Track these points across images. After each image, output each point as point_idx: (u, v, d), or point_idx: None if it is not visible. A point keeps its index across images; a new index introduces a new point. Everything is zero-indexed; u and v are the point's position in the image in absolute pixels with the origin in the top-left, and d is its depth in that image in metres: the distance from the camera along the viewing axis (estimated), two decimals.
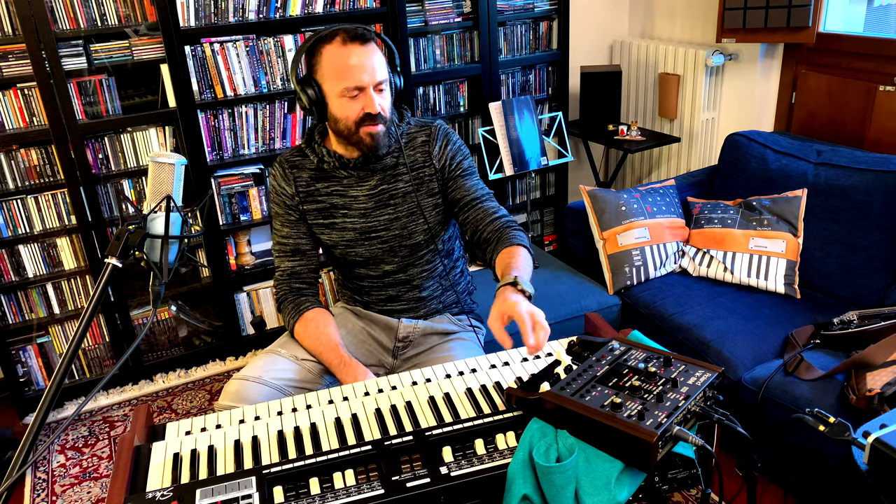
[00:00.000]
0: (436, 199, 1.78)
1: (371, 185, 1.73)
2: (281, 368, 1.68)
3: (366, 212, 1.74)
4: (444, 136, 1.77)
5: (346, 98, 1.59)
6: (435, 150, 1.76)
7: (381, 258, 1.78)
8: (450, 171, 1.76)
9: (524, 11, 3.18)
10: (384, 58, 1.63)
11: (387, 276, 1.81)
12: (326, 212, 1.75)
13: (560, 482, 1.04)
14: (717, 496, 1.96)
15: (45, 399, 1.06)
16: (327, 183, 1.74)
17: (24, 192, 2.54)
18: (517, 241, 1.64)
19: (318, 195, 1.75)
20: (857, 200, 2.30)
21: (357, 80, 1.57)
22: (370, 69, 1.58)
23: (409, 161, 1.74)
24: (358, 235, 1.76)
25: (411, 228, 1.76)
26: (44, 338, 2.71)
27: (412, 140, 1.76)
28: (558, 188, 3.54)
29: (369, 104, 1.59)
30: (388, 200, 1.74)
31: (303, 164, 1.75)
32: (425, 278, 1.83)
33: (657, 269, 2.51)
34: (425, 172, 1.76)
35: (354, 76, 1.57)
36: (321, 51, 1.60)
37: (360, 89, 1.58)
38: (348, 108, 1.60)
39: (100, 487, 2.33)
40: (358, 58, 1.57)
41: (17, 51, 2.38)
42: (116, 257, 1.15)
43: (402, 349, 1.85)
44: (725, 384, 2.06)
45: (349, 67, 1.57)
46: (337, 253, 1.80)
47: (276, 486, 1.07)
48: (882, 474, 1.25)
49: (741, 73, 3.12)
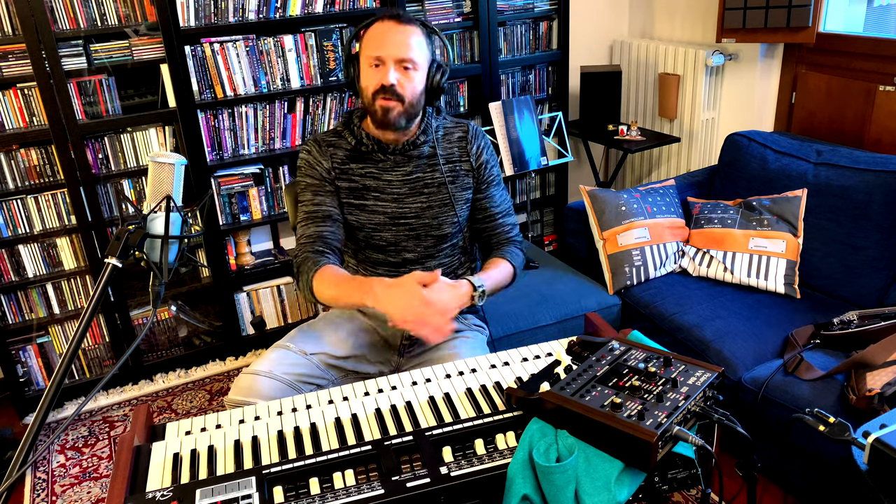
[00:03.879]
0: (468, 193, 1.83)
1: (407, 171, 1.77)
2: (291, 363, 1.68)
3: (399, 197, 1.77)
4: (481, 136, 1.85)
5: (370, 67, 1.65)
6: (473, 148, 1.82)
7: (404, 245, 1.80)
8: (484, 176, 1.84)
9: (524, 11, 3.18)
10: (424, 45, 1.69)
11: (405, 265, 1.82)
12: (358, 192, 1.77)
13: (560, 482, 1.04)
14: (717, 496, 1.96)
15: (45, 399, 1.06)
16: (362, 164, 1.77)
17: (24, 192, 2.54)
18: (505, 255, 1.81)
19: (352, 174, 1.77)
20: (857, 200, 2.30)
21: (379, 49, 1.63)
22: (396, 43, 1.63)
23: (446, 153, 1.79)
24: (387, 220, 1.78)
25: (441, 219, 1.80)
26: (44, 338, 2.71)
27: (449, 134, 1.82)
28: (558, 188, 3.54)
29: (384, 76, 1.63)
30: (422, 189, 1.78)
31: (338, 143, 1.78)
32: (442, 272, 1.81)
33: (657, 269, 2.51)
34: (461, 167, 1.81)
35: (379, 45, 1.64)
36: (366, 30, 1.68)
37: (381, 60, 1.64)
38: (370, 76, 1.66)
39: (100, 487, 2.33)
40: (389, 31, 1.64)
41: (17, 51, 2.38)
42: (116, 257, 1.15)
43: (408, 347, 1.85)
44: (725, 384, 2.06)
45: (377, 37, 1.65)
46: (361, 236, 1.81)
47: (276, 486, 1.07)
48: (882, 474, 1.25)
49: (741, 73, 3.12)
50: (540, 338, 2.20)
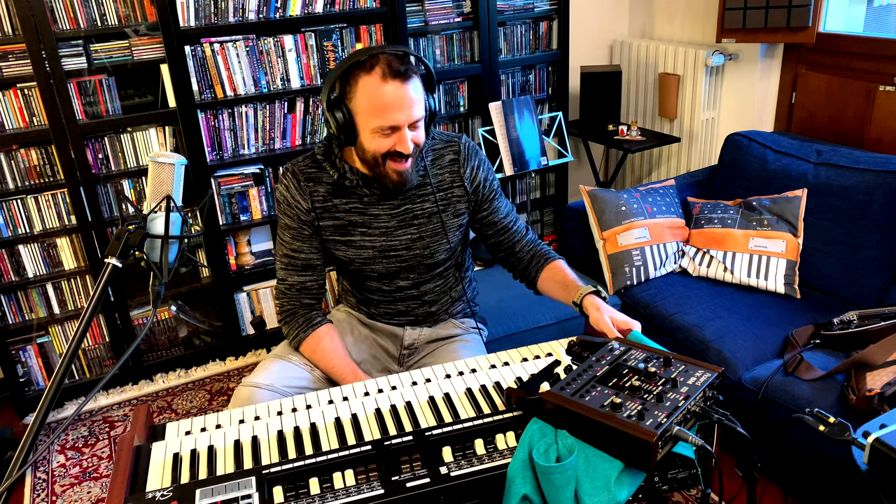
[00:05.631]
0: (461, 219, 1.73)
1: (394, 203, 1.66)
2: (293, 376, 1.65)
3: (387, 230, 1.67)
4: (474, 155, 1.72)
5: (379, 135, 1.51)
6: (466, 171, 1.70)
7: (397, 275, 1.73)
8: (483, 194, 1.73)
9: (524, 11, 3.18)
10: (421, 86, 1.53)
11: (399, 292, 1.76)
12: (344, 229, 1.67)
13: (560, 482, 1.04)
14: (717, 496, 1.96)
15: (45, 399, 1.06)
16: (346, 199, 1.65)
17: (24, 192, 2.54)
18: (554, 256, 1.76)
19: (335, 211, 1.66)
20: (857, 200, 2.30)
21: (393, 120, 1.49)
22: (408, 108, 1.49)
23: (436, 181, 1.68)
24: (376, 254, 1.68)
25: (433, 248, 1.71)
26: (44, 338, 2.71)
27: (439, 158, 1.69)
28: (558, 188, 3.54)
29: (402, 144, 1.51)
30: (411, 220, 1.68)
31: (319, 177, 1.65)
32: (437, 293, 1.80)
33: (657, 269, 2.51)
34: (454, 193, 1.70)
35: (391, 115, 1.48)
36: (358, 79, 1.48)
37: (394, 129, 1.51)
38: (379, 142, 1.52)
39: (100, 487, 2.33)
40: (397, 96, 1.47)
41: (17, 51, 2.38)
42: (116, 257, 1.15)
43: (407, 356, 1.83)
44: (725, 384, 2.06)
45: (386, 106, 1.47)
46: (351, 268, 1.73)
47: (275, 486, 1.07)
48: (882, 474, 1.25)
49: (741, 73, 3.12)
50: (540, 338, 2.20)
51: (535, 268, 1.75)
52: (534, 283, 1.77)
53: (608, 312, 1.48)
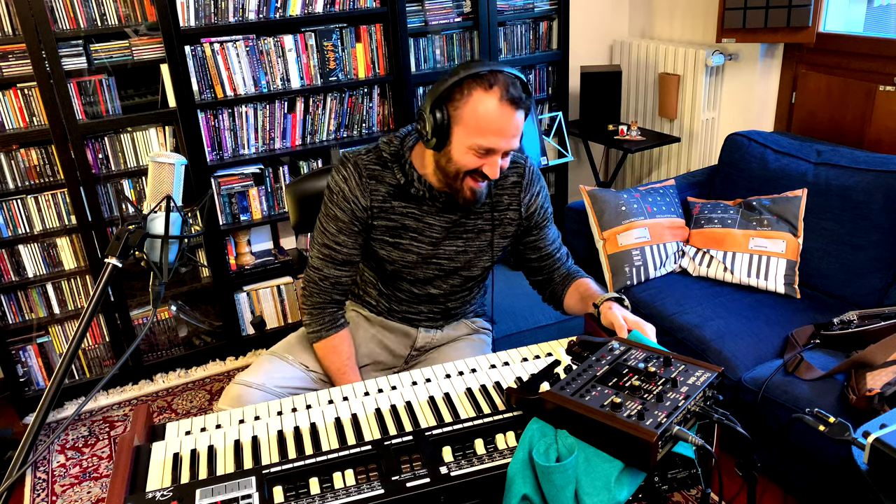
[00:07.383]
0: (507, 241, 1.73)
1: (451, 217, 1.65)
2: (285, 376, 1.65)
3: (437, 240, 1.66)
4: (537, 181, 1.71)
5: (474, 153, 1.48)
6: (526, 198, 1.68)
7: (431, 281, 1.72)
8: (536, 220, 1.72)
9: (524, 11, 3.18)
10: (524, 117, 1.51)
11: (427, 296, 1.75)
12: (395, 231, 1.64)
13: (560, 482, 1.04)
14: (717, 496, 1.96)
15: (45, 399, 1.06)
16: (405, 203, 1.62)
17: (24, 192, 2.54)
18: (582, 274, 1.75)
19: (392, 213, 1.62)
20: (857, 200, 2.30)
21: (494, 144, 1.47)
22: (511, 136, 1.48)
23: (494, 200, 1.66)
24: (420, 260, 1.67)
25: (475, 263, 1.70)
26: (44, 338, 2.71)
27: (502, 178, 1.66)
28: (558, 188, 3.54)
29: (492, 168, 1.49)
30: (461, 233, 1.67)
31: (382, 176, 1.60)
32: (461, 301, 1.80)
33: (657, 269, 2.51)
34: (507, 216, 1.69)
35: (494, 139, 1.46)
36: (472, 91, 1.45)
37: (490, 151, 1.48)
38: (470, 159, 1.49)
39: (100, 487, 2.33)
40: (506, 122, 1.45)
41: (17, 51, 2.38)
42: (116, 257, 1.15)
43: (416, 357, 1.82)
44: (725, 384, 2.06)
45: (493, 129, 1.45)
46: (390, 269, 1.70)
47: (275, 486, 1.07)
48: (882, 474, 1.25)
49: (741, 73, 3.12)
50: (540, 338, 2.20)
51: (561, 287, 1.74)
52: (560, 304, 1.75)
53: (622, 312, 1.47)
